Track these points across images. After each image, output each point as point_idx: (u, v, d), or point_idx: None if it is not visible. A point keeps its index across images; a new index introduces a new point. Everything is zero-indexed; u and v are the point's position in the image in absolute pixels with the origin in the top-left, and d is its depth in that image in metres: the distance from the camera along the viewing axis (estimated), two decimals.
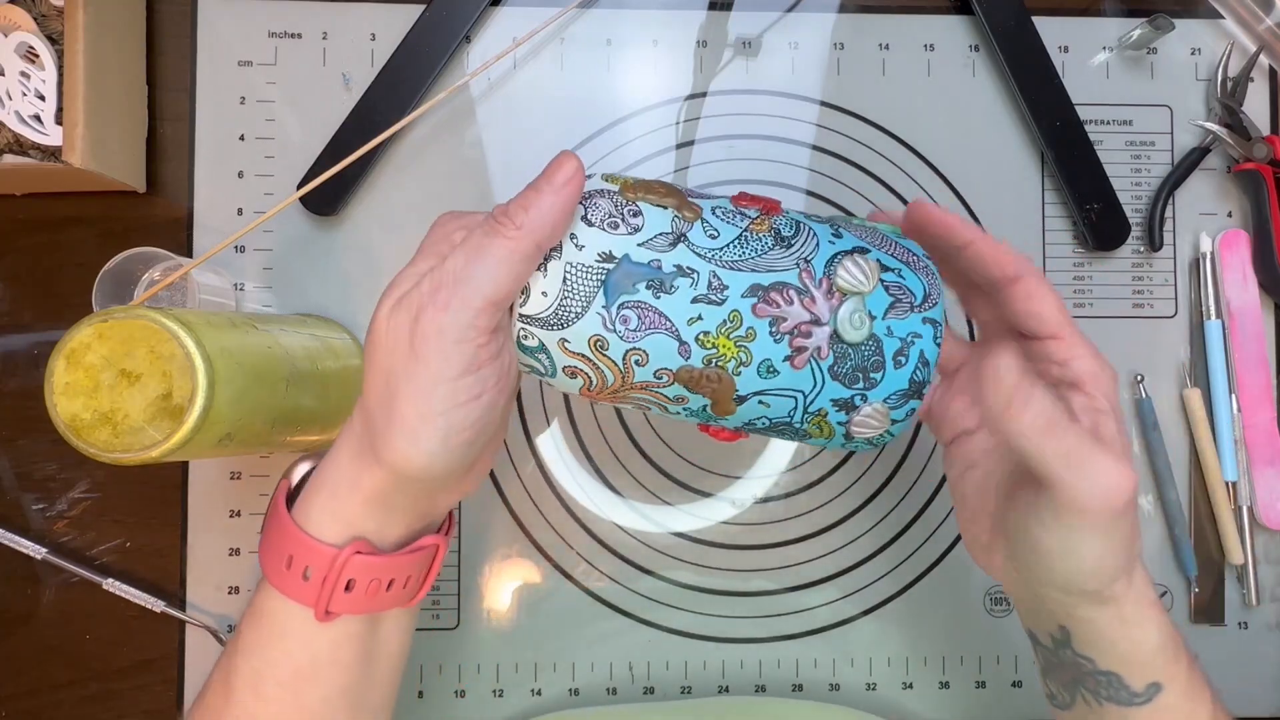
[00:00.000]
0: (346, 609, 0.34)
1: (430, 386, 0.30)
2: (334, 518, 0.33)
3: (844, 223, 0.35)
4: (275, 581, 0.34)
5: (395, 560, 0.34)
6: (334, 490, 0.33)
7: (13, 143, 0.46)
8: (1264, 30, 0.54)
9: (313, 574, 0.33)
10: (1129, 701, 0.35)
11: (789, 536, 0.53)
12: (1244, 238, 0.54)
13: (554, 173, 0.30)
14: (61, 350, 0.35)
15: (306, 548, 0.33)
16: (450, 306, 0.29)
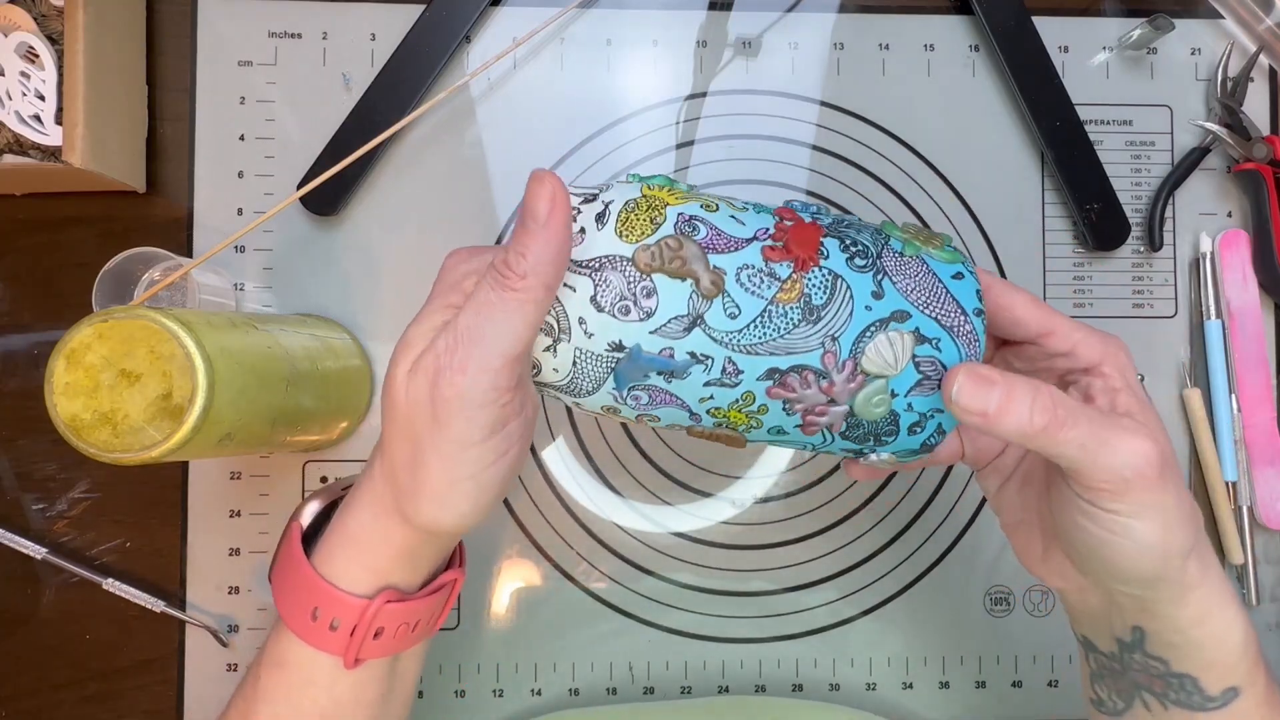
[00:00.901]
0: (375, 654, 0.34)
1: (457, 452, 0.29)
2: (362, 569, 0.33)
3: (892, 259, 0.32)
4: (300, 633, 0.33)
5: (422, 603, 0.34)
6: (360, 546, 0.33)
7: (13, 143, 0.46)
8: (1264, 30, 0.54)
9: (341, 625, 0.33)
10: (1201, 706, 0.33)
11: (789, 536, 0.53)
12: (1244, 238, 0.54)
13: (535, 205, 0.29)
14: (61, 350, 0.35)
15: (334, 600, 0.33)
16: (468, 370, 0.28)
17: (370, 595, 0.33)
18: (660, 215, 0.30)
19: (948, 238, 0.34)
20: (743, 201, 0.33)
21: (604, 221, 0.30)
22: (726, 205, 0.32)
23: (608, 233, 0.30)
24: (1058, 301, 0.55)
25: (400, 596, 0.34)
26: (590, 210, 0.31)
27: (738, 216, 0.31)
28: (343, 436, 0.51)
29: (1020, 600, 0.54)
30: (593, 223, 0.30)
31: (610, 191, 0.32)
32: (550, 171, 0.29)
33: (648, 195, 0.31)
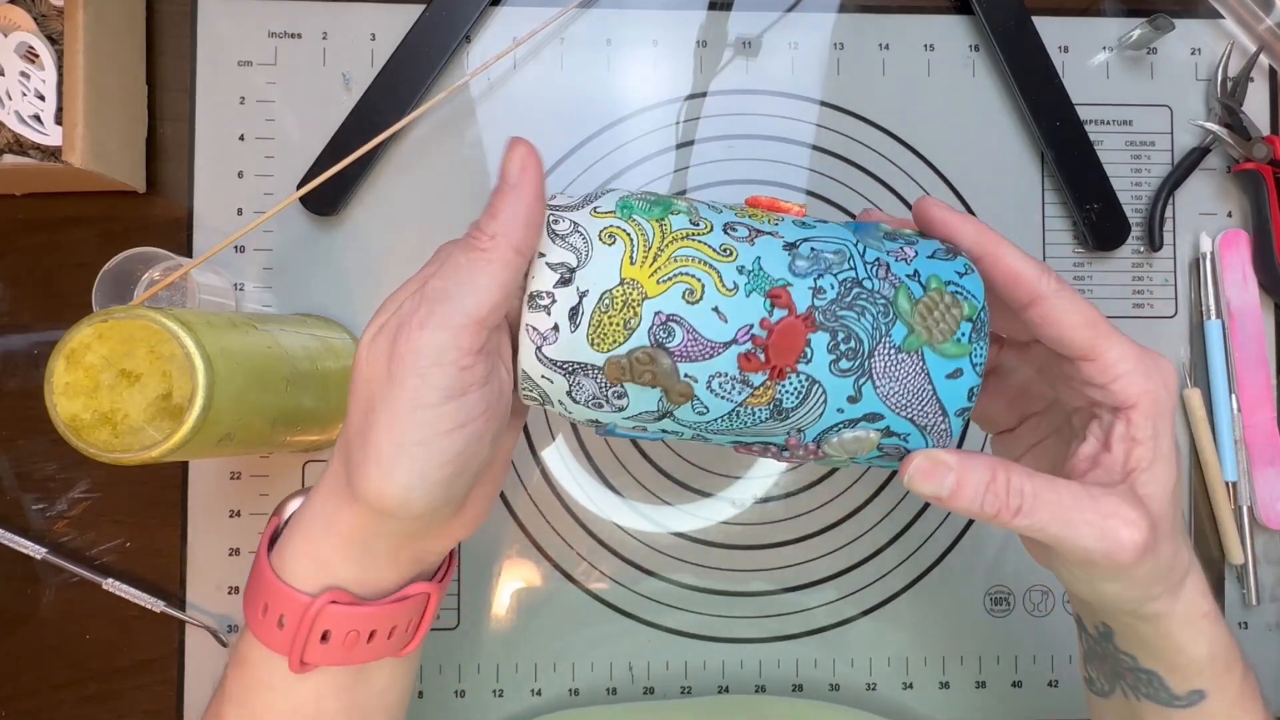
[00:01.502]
0: (323, 660, 0.32)
1: (407, 412, 0.28)
2: (311, 562, 0.31)
3: (884, 357, 0.30)
4: (253, 628, 0.32)
5: (376, 611, 0.32)
6: (308, 531, 0.32)
7: (13, 143, 0.46)
8: (1264, 30, 0.54)
9: (287, 622, 0.31)
10: (1169, 703, 0.34)
11: (789, 536, 0.53)
12: (1244, 238, 0.54)
13: (507, 167, 0.29)
14: (61, 350, 0.35)
15: (280, 594, 0.31)
16: (428, 325, 0.28)
17: (315, 593, 0.31)
18: (635, 317, 0.29)
19: (974, 307, 0.31)
20: (745, 233, 0.31)
21: (576, 322, 0.29)
22: (717, 265, 0.30)
23: (580, 337, 0.29)
24: None
25: (351, 600, 0.31)
26: (564, 301, 0.29)
27: (721, 308, 0.29)
28: None
29: (1020, 600, 0.54)
30: (565, 320, 0.29)
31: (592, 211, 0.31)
32: (524, 141, 0.29)
33: (625, 285, 0.29)
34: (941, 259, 0.32)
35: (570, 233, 0.30)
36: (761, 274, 0.30)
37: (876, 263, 0.31)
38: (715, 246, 0.30)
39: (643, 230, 0.30)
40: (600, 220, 0.30)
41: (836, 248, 0.31)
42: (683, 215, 0.31)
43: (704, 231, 0.30)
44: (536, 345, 0.30)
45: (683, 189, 0.54)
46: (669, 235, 0.30)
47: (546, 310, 0.29)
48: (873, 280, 0.30)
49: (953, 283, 0.31)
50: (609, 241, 0.30)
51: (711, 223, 0.31)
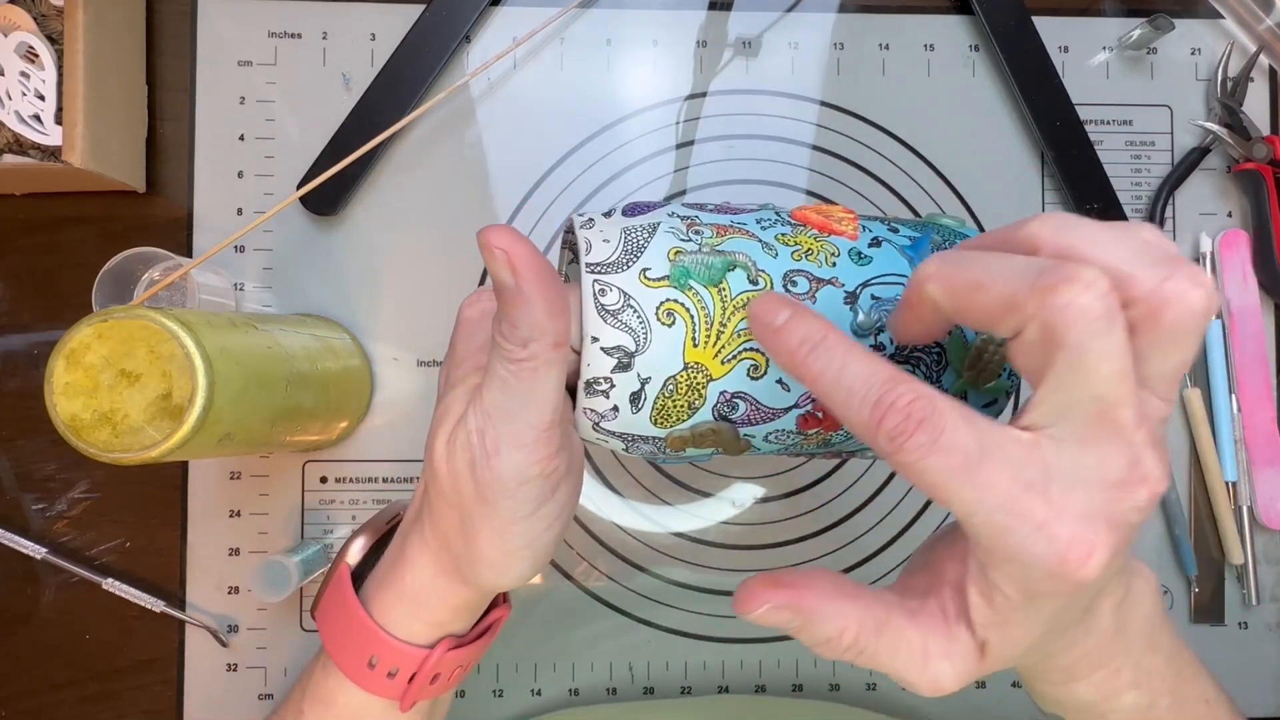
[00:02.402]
0: (429, 696, 0.34)
1: (508, 526, 0.29)
2: (425, 625, 0.33)
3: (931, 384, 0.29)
4: (355, 678, 0.33)
5: (478, 646, 0.35)
6: (421, 603, 0.33)
7: (13, 143, 0.46)
8: (1264, 30, 0.54)
9: (399, 673, 0.33)
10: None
11: (789, 536, 0.53)
12: (1244, 238, 0.54)
13: (496, 275, 0.26)
14: (61, 350, 0.35)
15: (394, 651, 0.33)
16: (501, 451, 0.27)
17: (430, 645, 0.33)
18: (700, 398, 0.28)
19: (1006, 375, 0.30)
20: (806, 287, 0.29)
21: (639, 406, 0.28)
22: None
23: (643, 417, 0.29)
24: None
25: (457, 643, 0.34)
26: (624, 386, 0.28)
27: (784, 379, 0.29)
28: (343, 436, 0.51)
29: None
30: (626, 403, 0.28)
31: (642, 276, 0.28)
32: (497, 228, 0.26)
33: (690, 370, 0.28)
34: None
35: (621, 308, 0.28)
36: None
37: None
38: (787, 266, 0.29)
39: (702, 303, 0.28)
40: (655, 291, 0.28)
41: (895, 293, 0.29)
42: (740, 272, 0.29)
43: (764, 292, 0.29)
44: (594, 423, 0.29)
45: (682, 189, 0.54)
46: (729, 305, 0.28)
47: (605, 395, 0.28)
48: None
49: None
50: (668, 322, 0.28)
51: (770, 277, 0.29)
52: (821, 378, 0.23)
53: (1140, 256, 0.22)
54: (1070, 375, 0.21)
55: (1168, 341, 0.22)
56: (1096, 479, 0.21)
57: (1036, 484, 0.21)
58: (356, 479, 0.52)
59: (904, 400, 0.21)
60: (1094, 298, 0.20)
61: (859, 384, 0.22)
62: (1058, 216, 0.23)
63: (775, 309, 0.25)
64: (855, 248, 0.30)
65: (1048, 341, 0.21)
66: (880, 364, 0.23)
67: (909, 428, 0.21)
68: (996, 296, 0.22)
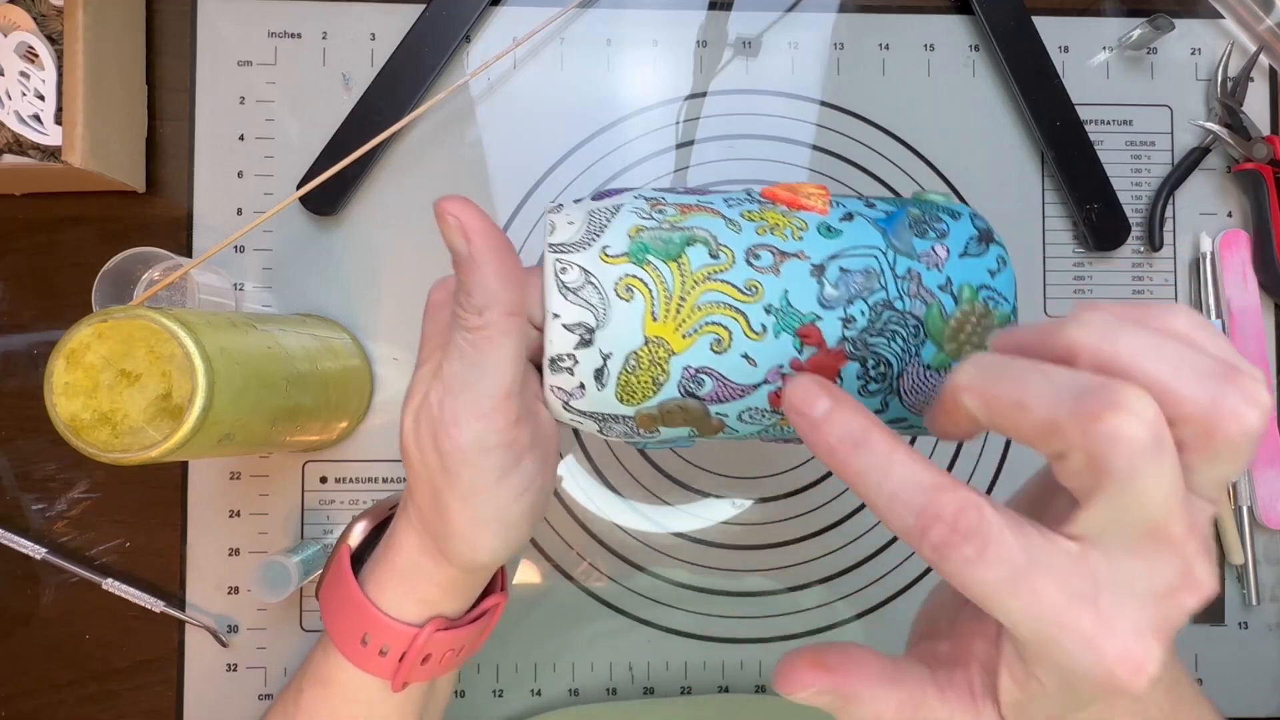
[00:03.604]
0: (421, 678, 0.35)
1: (472, 497, 0.29)
2: (415, 603, 0.33)
3: (913, 375, 0.29)
4: (349, 655, 0.34)
5: (469, 629, 0.35)
6: (410, 581, 0.33)
7: (12, 143, 0.46)
8: (1264, 30, 0.54)
9: (390, 651, 0.33)
10: None
11: (789, 536, 0.53)
12: (1244, 238, 0.54)
13: (451, 243, 0.27)
14: (61, 350, 0.35)
15: (385, 628, 0.33)
16: (460, 420, 0.28)
17: (420, 623, 0.33)
18: (664, 374, 0.28)
19: (1004, 314, 0.29)
20: (769, 260, 0.28)
21: (603, 382, 0.29)
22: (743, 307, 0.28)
23: (608, 394, 0.29)
24: (1058, 302, 0.55)
25: (448, 624, 0.34)
26: (587, 362, 0.28)
27: (750, 353, 0.28)
28: (342, 436, 0.51)
29: None
30: (591, 380, 0.29)
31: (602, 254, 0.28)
32: (452, 198, 0.27)
33: (650, 344, 0.28)
34: (974, 255, 0.30)
35: (582, 285, 0.28)
36: (789, 311, 0.28)
37: (908, 275, 0.29)
38: (739, 285, 0.28)
39: (661, 277, 0.28)
40: (613, 268, 0.28)
41: (865, 264, 0.29)
42: (701, 246, 0.29)
43: (725, 266, 0.28)
44: (563, 401, 0.30)
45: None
46: (689, 279, 0.28)
47: (570, 371, 0.29)
48: (904, 299, 0.29)
49: (985, 287, 0.30)
50: (627, 297, 0.28)
51: (732, 251, 0.29)
52: (863, 479, 0.22)
53: (1188, 368, 0.20)
54: (1119, 499, 0.20)
55: (1219, 458, 0.21)
56: (1146, 590, 0.21)
57: (1085, 595, 0.21)
58: (356, 479, 0.52)
59: (950, 510, 0.21)
60: (1141, 426, 0.19)
61: (903, 490, 0.21)
62: (1097, 319, 0.22)
63: (814, 399, 0.24)
64: (825, 222, 0.30)
65: (1093, 469, 0.20)
66: (925, 467, 0.22)
67: (954, 540, 0.21)
68: (1037, 420, 0.21)
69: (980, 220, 0.31)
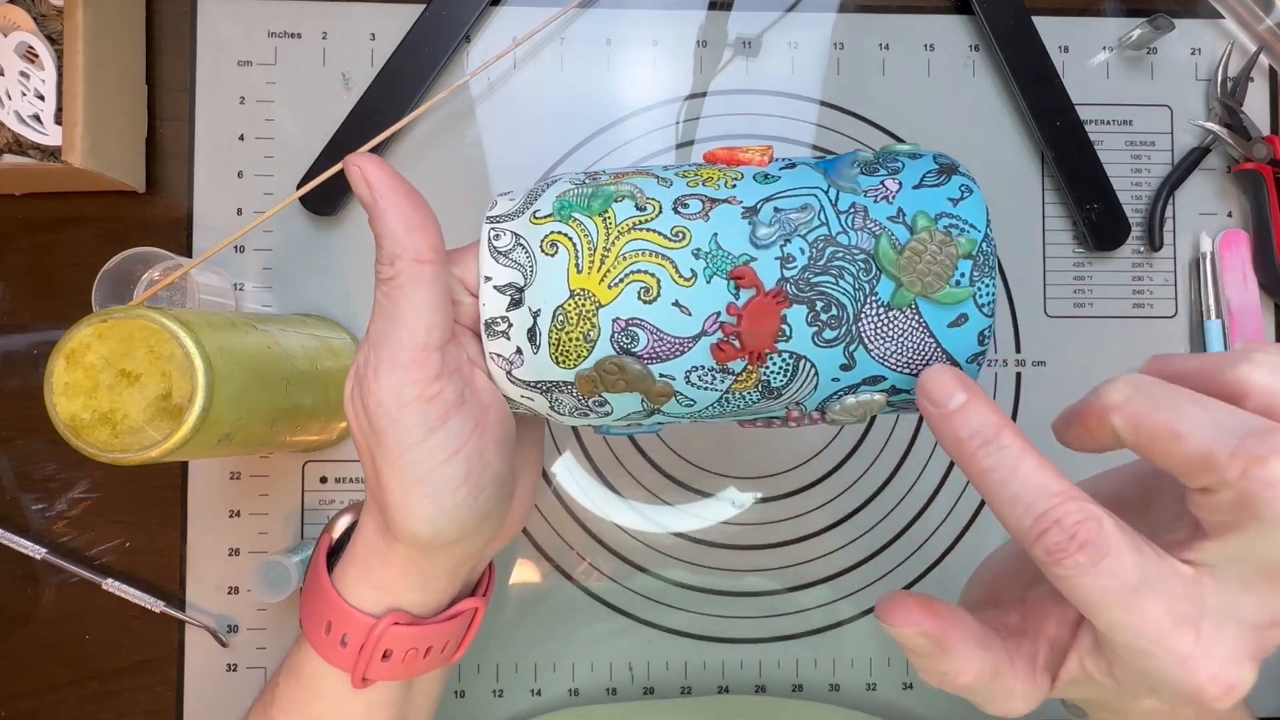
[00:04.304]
0: (384, 676, 0.34)
1: (398, 457, 0.28)
2: (373, 588, 0.33)
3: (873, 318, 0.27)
4: (315, 644, 0.34)
5: (433, 629, 0.34)
6: (366, 563, 0.33)
7: (12, 143, 0.46)
8: (1264, 30, 0.54)
9: (350, 641, 0.33)
10: None
11: (789, 536, 0.53)
12: (1244, 238, 0.54)
13: (359, 193, 0.28)
14: (61, 350, 0.35)
15: (344, 615, 0.33)
16: (380, 372, 0.28)
17: (379, 615, 0.33)
18: (594, 328, 0.27)
19: (972, 240, 0.27)
20: (698, 207, 0.28)
21: (536, 343, 0.28)
22: (670, 253, 0.27)
23: (543, 357, 0.28)
24: (1058, 302, 0.55)
25: (411, 620, 0.33)
26: (520, 323, 0.28)
27: (681, 300, 0.27)
28: (342, 436, 0.51)
29: None
30: (526, 342, 0.28)
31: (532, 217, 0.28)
32: (362, 154, 0.28)
33: (576, 297, 0.27)
34: (931, 185, 0.28)
35: (512, 248, 0.28)
36: (720, 254, 0.27)
37: (852, 210, 0.27)
38: (666, 232, 0.27)
39: (585, 230, 0.28)
40: (540, 227, 0.28)
41: (803, 201, 0.27)
42: (627, 201, 0.28)
43: (651, 216, 0.28)
44: (505, 371, 0.29)
45: None
46: (614, 230, 0.28)
47: (505, 335, 0.29)
48: (849, 234, 0.27)
49: (945, 215, 0.27)
50: (551, 252, 0.28)
51: (659, 202, 0.28)
52: (987, 476, 0.23)
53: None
54: (1260, 541, 0.21)
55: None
56: (1251, 619, 0.22)
57: (1189, 619, 0.21)
58: (357, 479, 0.52)
59: (1071, 519, 0.21)
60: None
61: (1026, 492, 0.22)
62: (1274, 361, 0.22)
63: (949, 389, 0.24)
64: (762, 171, 0.29)
65: (1242, 508, 0.20)
66: (1053, 474, 0.22)
67: (1070, 548, 0.21)
68: (1191, 452, 0.21)
69: (945, 157, 0.29)
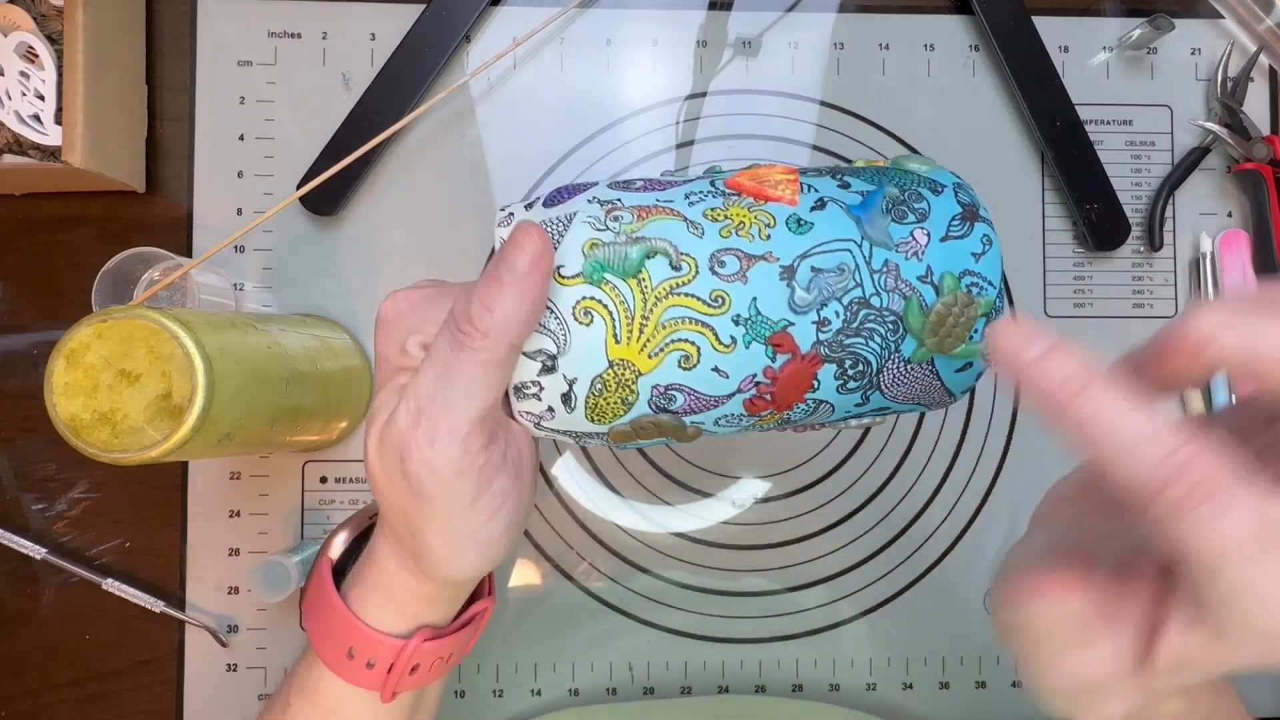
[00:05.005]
0: (409, 688, 0.34)
1: (447, 519, 0.28)
2: (398, 613, 0.33)
3: (892, 371, 0.28)
4: (335, 669, 0.33)
5: (455, 637, 0.34)
6: (391, 595, 0.33)
7: (12, 142, 0.46)
8: (1264, 30, 0.54)
9: (378, 664, 0.33)
10: None
11: (789, 536, 0.53)
12: (1244, 237, 0.54)
13: (514, 257, 0.25)
14: (61, 350, 0.35)
15: (371, 641, 0.33)
16: (436, 442, 0.26)
17: (406, 634, 0.33)
18: (632, 394, 0.27)
19: (988, 301, 0.28)
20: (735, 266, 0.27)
21: (571, 405, 0.28)
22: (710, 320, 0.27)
23: (578, 415, 0.28)
24: (1058, 302, 0.55)
25: (435, 634, 0.33)
26: (553, 388, 0.27)
27: (721, 366, 0.27)
28: (342, 436, 0.51)
29: None
30: (559, 404, 0.28)
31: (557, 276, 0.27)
32: (533, 227, 0.26)
33: (615, 367, 0.27)
34: (956, 236, 0.28)
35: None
36: (760, 320, 0.27)
37: (885, 268, 0.28)
38: (705, 297, 0.27)
39: (620, 297, 0.26)
40: (570, 290, 0.27)
41: (839, 260, 0.27)
42: (661, 258, 0.27)
43: (688, 278, 0.27)
44: (534, 423, 0.29)
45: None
46: (650, 295, 0.27)
47: (536, 397, 0.28)
48: (881, 295, 0.27)
49: (968, 273, 0.28)
50: (586, 321, 0.27)
51: (695, 260, 0.27)
52: (1089, 426, 0.21)
53: None
54: None
55: None
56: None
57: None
58: (356, 479, 0.52)
59: (1198, 464, 0.20)
60: None
61: (1141, 438, 0.20)
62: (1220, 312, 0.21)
63: (1026, 340, 0.22)
64: (794, 214, 0.28)
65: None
66: (1161, 415, 0.20)
67: (1196, 497, 0.19)
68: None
69: (965, 192, 0.29)
